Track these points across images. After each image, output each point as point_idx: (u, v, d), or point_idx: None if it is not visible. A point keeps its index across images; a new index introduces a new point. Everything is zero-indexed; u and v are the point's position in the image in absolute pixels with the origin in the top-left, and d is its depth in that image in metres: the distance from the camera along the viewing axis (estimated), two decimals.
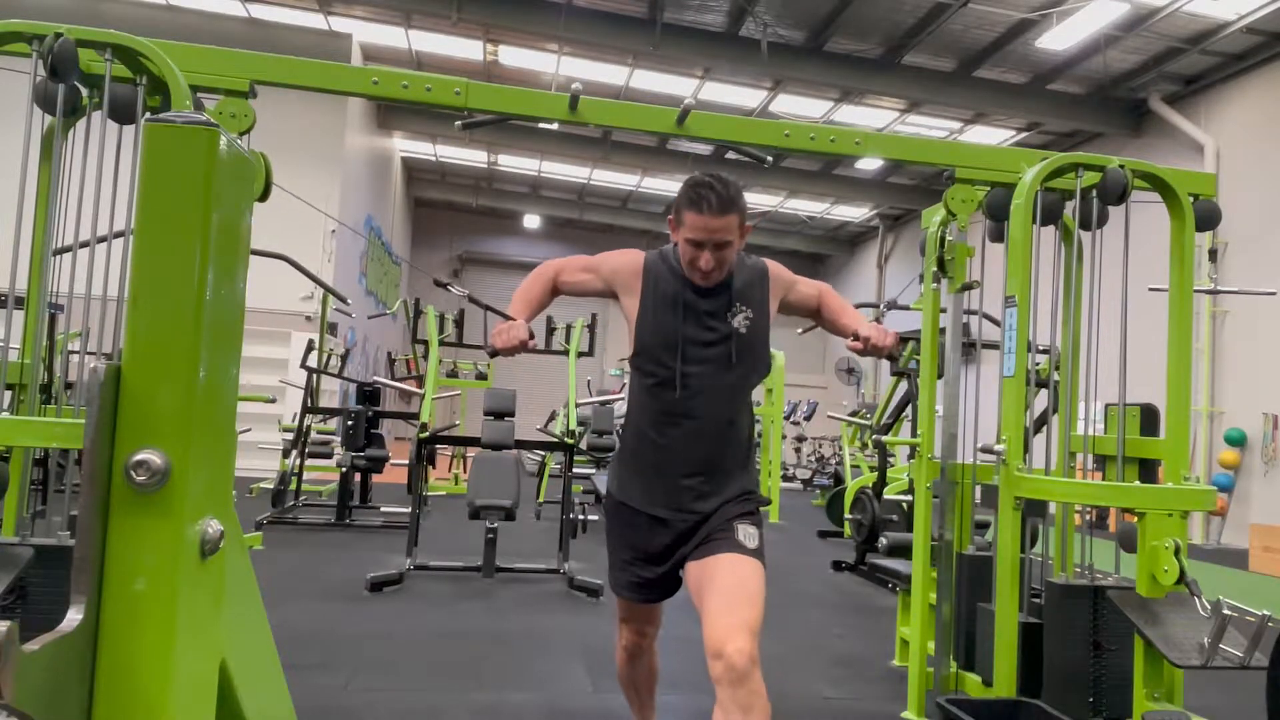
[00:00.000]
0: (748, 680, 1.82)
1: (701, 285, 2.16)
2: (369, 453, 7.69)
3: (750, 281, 2.23)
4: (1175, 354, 2.91)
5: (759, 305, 2.22)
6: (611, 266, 2.27)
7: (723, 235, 2.07)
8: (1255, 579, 7.85)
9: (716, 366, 2.17)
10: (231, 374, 1.17)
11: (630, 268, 2.24)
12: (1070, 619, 2.83)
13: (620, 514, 2.30)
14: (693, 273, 2.15)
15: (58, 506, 2.62)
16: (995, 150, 3.56)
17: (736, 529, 2.11)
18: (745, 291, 2.21)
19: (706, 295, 2.18)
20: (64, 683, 0.95)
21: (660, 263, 2.23)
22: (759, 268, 2.27)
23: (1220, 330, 10.48)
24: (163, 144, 1.05)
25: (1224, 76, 10.70)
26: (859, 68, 11.63)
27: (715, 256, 2.10)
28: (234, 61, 2.76)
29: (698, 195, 2.06)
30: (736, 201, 2.08)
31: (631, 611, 2.39)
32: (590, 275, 2.29)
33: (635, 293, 2.21)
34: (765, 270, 2.27)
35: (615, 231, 22.07)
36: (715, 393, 2.17)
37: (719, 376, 2.17)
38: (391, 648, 4.00)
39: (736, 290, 2.20)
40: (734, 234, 2.09)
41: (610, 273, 2.26)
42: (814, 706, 3.52)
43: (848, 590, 6.06)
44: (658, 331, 2.17)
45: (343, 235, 13.49)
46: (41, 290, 2.62)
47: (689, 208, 2.08)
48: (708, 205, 2.05)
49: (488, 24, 11.55)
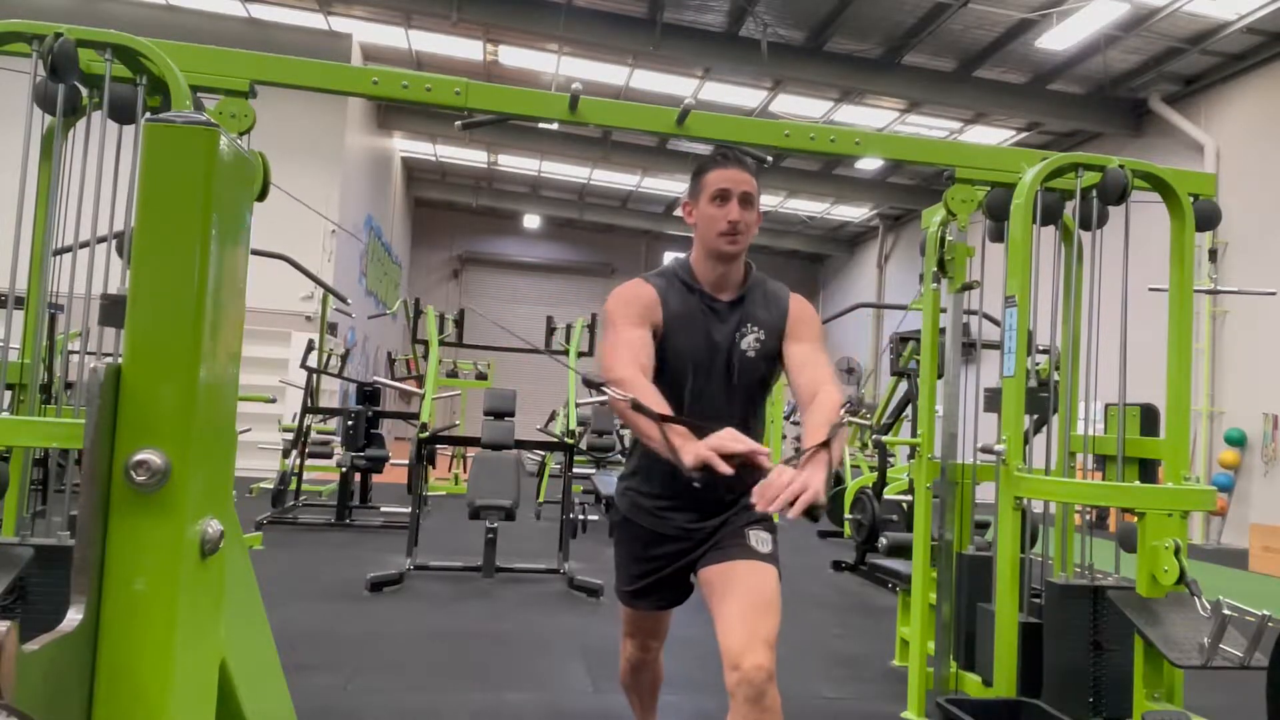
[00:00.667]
0: (763, 697, 1.81)
1: (727, 251, 2.09)
2: (369, 453, 7.70)
3: (768, 304, 2.18)
4: (1175, 354, 2.91)
5: (770, 330, 2.16)
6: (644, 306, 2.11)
7: (748, 187, 2.08)
8: (1255, 579, 7.85)
9: (726, 384, 2.13)
10: (231, 374, 1.17)
11: (647, 300, 2.13)
12: (1070, 619, 2.83)
13: (630, 529, 2.26)
14: (719, 238, 2.08)
15: (58, 506, 2.62)
16: (995, 150, 3.56)
17: (749, 535, 2.08)
18: (760, 313, 2.16)
19: (721, 312, 2.14)
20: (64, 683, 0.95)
21: (667, 286, 2.16)
22: (782, 295, 2.20)
23: (1220, 330, 10.48)
24: (163, 144, 1.05)
25: (1224, 76, 10.70)
26: (859, 68, 11.64)
27: (741, 210, 2.07)
28: (234, 61, 2.76)
29: (720, 155, 2.12)
30: (755, 170, 2.12)
31: (637, 625, 2.36)
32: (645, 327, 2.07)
33: (661, 321, 2.12)
34: (786, 300, 2.19)
35: (615, 231, 22.09)
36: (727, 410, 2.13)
37: (729, 394, 2.14)
38: (391, 648, 4.00)
39: (749, 310, 2.16)
40: (756, 193, 2.10)
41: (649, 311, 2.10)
42: (814, 706, 3.52)
43: (848, 590, 6.06)
44: (681, 354, 2.12)
45: (343, 235, 13.49)
46: (41, 290, 2.62)
47: (712, 167, 2.10)
48: (732, 160, 2.09)
49: (488, 24, 11.55)
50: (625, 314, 2.08)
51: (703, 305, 2.14)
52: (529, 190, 20.53)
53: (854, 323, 17.71)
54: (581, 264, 22.96)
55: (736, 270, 2.17)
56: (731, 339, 2.13)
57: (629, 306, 2.09)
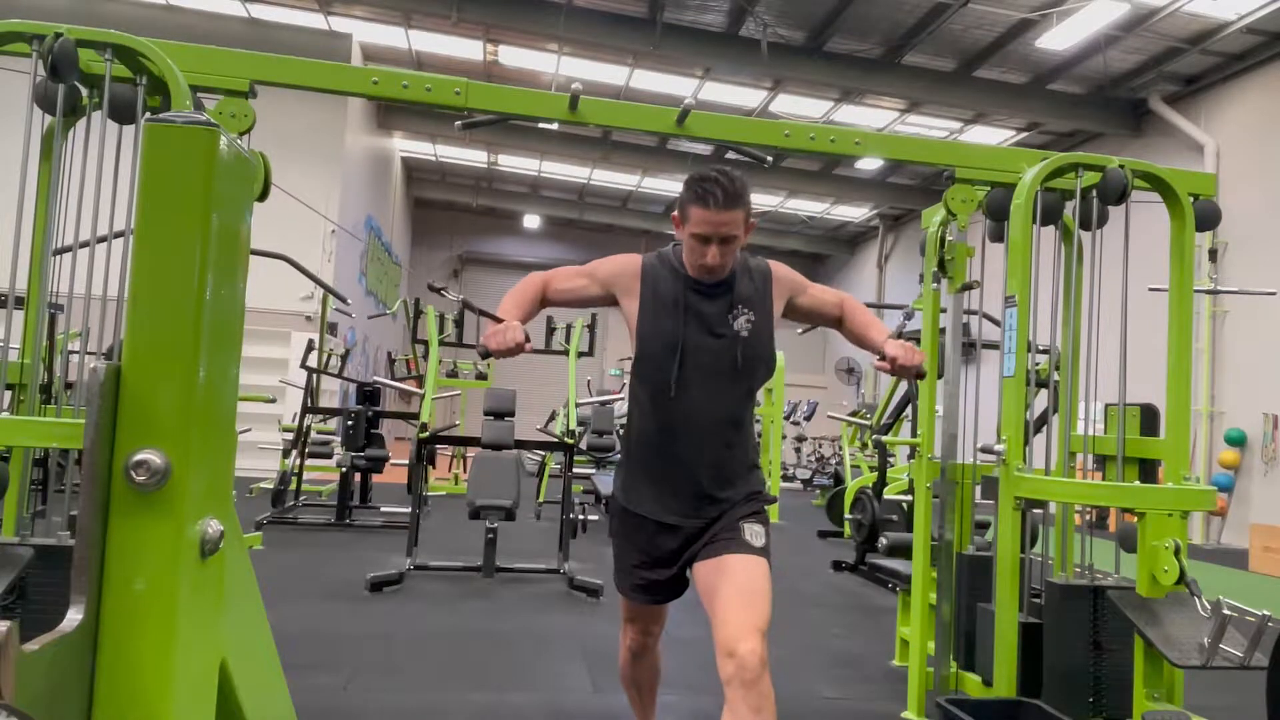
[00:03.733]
0: (759, 682, 1.85)
1: (706, 280, 2.15)
2: (369, 453, 7.69)
3: (753, 283, 2.21)
4: (1175, 354, 2.91)
5: (761, 307, 2.20)
6: (609, 270, 2.23)
7: (729, 230, 2.07)
8: (1255, 579, 7.85)
9: (719, 371, 2.15)
10: (231, 374, 1.17)
11: (629, 270, 2.22)
12: (1070, 619, 2.83)
13: (628, 519, 2.28)
14: (698, 270, 2.13)
15: (58, 506, 2.62)
16: (995, 150, 3.55)
17: (743, 529, 2.12)
18: (747, 293, 2.19)
19: (708, 297, 2.17)
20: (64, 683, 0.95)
21: (658, 265, 2.21)
22: (762, 269, 2.25)
23: (1220, 330, 10.48)
24: (163, 144, 1.05)
25: (1224, 76, 10.70)
26: (859, 68, 11.63)
27: (721, 251, 2.09)
28: (234, 61, 2.76)
29: (704, 190, 2.06)
30: (742, 196, 2.07)
31: (637, 612, 2.39)
32: (585, 280, 2.23)
33: (635, 295, 2.19)
34: (768, 272, 2.25)
35: (615, 231, 22.07)
36: (719, 397, 2.16)
37: (722, 381, 2.16)
38: (391, 648, 4.00)
39: (738, 292, 2.18)
40: (739, 228, 2.09)
41: (608, 276, 2.23)
42: (814, 706, 3.52)
43: (848, 590, 6.06)
44: (658, 336, 2.15)
45: (343, 235, 13.49)
46: (41, 290, 2.61)
47: (695, 203, 2.07)
48: (714, 200, 2.04)
49: (488, 24, 11.55)
50: (592, 266, 2.27)
51: (688, 289, 2.17)
52: (529, 190, 20.53)
53: None
54: (581, 264, 22.92)
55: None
56: (723, 320, 2.16)
57: (603, 264, 2.26)
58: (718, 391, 2.16)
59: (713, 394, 2.16)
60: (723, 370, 2.15)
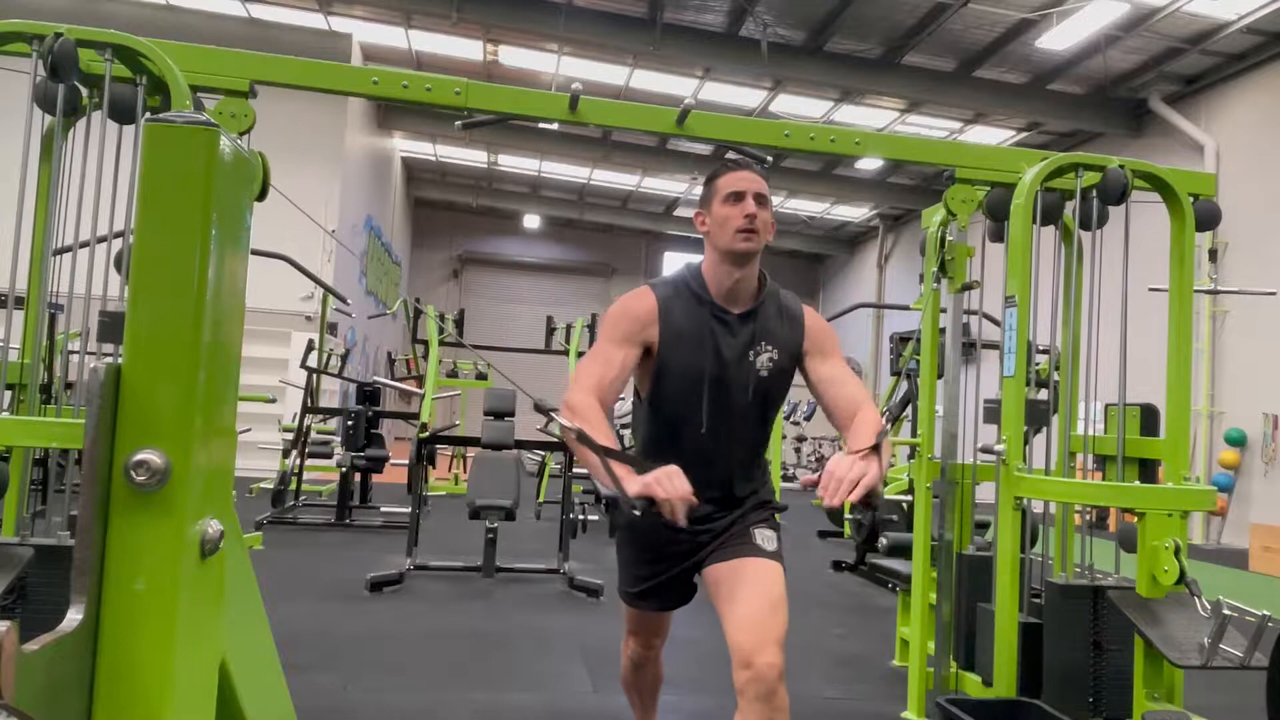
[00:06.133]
0: (774, 695, 1.82)
1: (744, 249, 2.04)
2: (369, 453, 7.70)
3: (782, 321, 2.14)
4: (1175, 354, 2.91)
5: (785, 351, 2.12)
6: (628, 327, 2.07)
7: (761, 188, 2.08)
8: (1255, 579, 7.85)
9: (736, 404, 2.10)
10: (231, 374, 1.17)
11: (645, 316, 2.08)
12: (1070, 619, 2.82)
13: (635, 530, 2.24)
14: (735, 235, 2.04)
15: (58, 506, 2.62)
16: (995, 150, 3.56)
17: (755, 534, 2.09)
18: (773, 328, 2.12)
19: (731, 328, 2.09)
20: (64, 683, 0.95)
21: (673, 295, 2.10)
22: (793, 310, 2.17)
23: (1220, 330, 10.48)
24: (163, 144, 1.05)
25: (1224, 76, 10.70)
26: (859, 68, 11.63)
27: (759, 211, 2.05)
28: (234, 61, 2.76)
29: (731, 162, 2.14)
30: (767, 176, 2.14)
31: (640, 623, 2.36)
32: (620, 354, 2.04)
33: (655, 336, 2.08)
34: (800, 316, 2.16)
35: (615, 231, 22.09)
36: (738, 430, 2.12)
37: (738, 413, 2.11)
38: (391, 648, 4.00)
39: (761, 325, 2.11)
40: (769, 196, 2.12)
41: (630, 332, 2.06)
42: (814, 706, 3.52)
43: (848, 590, 6.06)
44: (684, 373, 2.07)
45: (343, 235, 13.49)
46: (41, 290, 2.62)
47: (724, 171, 2.11)
48: (743, 163, 2.12)
49: (488, 24, 11.55)
50: (613, 332, 2.08)
51: (712, 318, 2.09)
52: (529, 190, 20.53)
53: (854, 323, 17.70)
54: (581, 264, 22.96)
55: (751, 277, 2.11)
56: (744, 355, 2.09)
57: (620, 322, 2.08)
58: (737, 426, 2.12)
59: (731, 429, 2.12)
60: (740, 404, 2.10)
